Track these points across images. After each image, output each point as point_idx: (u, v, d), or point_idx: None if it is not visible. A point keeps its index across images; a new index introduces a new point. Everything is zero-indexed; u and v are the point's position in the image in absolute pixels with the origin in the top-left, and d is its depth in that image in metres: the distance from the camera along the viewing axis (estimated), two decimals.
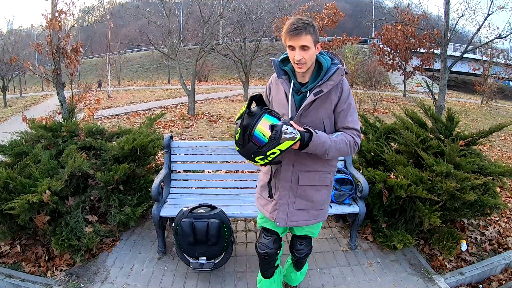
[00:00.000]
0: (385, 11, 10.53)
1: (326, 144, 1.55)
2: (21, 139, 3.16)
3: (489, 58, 15.40)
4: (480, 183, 2.67)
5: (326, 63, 1.63)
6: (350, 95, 1.67)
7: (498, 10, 6.13)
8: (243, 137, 1.49)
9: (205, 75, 26.44)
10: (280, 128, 1.44)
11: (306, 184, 1.72)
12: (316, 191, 1.75)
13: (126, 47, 29.15)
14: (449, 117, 3.24)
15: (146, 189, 3.11)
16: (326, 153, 1.58)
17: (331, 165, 1.78)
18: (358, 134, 1.66)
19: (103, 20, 11.54)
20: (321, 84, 1.60)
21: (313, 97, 1.59)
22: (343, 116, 1.65)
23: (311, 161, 1.69)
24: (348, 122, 1.65)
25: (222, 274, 2.54)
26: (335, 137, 1.60)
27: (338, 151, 1.61)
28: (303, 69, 1.59)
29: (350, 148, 1.63)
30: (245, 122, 1.50)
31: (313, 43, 1.55)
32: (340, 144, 1.59)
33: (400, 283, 2.46)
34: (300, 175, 1.71)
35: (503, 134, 7.72)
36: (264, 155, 1.48)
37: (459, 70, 22.36)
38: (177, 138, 6.50)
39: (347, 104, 1.65)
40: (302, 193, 1.74)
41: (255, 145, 1.48)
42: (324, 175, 1.75)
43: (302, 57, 1.54)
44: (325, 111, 1.64)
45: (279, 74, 1.69)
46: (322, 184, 1.76)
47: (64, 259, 2.61)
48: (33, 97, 20.31)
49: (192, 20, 13.26)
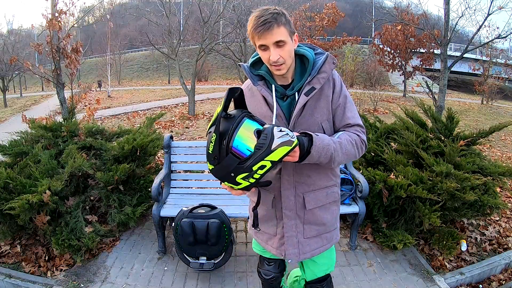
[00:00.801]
0: (385, 11, 10.54)
1: (331, 147, 1.23)
2: (21, 139, 3.16)
3: (489, 58, 15.40)
4: (480, 183, 2.67)
5: (310, 54, 1.33)
6: (343, 86, 1.39)
7: (498, 10, 6.13)
8: (219, 147, 1.09)
9: (205, 75, 26.44)
10: (271, 130, 1.06)
11: (313, 207, 1.42)
12: (326, 211, 1.46)
13: (126, 47, 29.17)
14: (449, 117, 3.24)
15: (146, 189, 3.11)
16: (332, 160, 1.24)
17: (336, 175, 1.48)
18: (362, 130, 1.37)
19: (103, 20, 11.56)
20: (311, 79, 1.29)
21: (305, 98, 1.29)
22: (340, 112, 1.36)
23: (315, 177, 1.40)
24: (348, 118, 1.36)
25: (222, 274, 2.54)
26: (337, 137, 1.29)
27: (345, 155, 1.29)
28: (283, 70, 1.27)
29: (357, 148, 1.33)
30: (221, 128, 1.11)
31: (288, 36, 1.24)
32: (346, 146, 1.28)
33: (400, 283, 2.46)
34: (306, 197, 1.40)
35: (503, 134, 7.72)
36: (249, 172, 1.07)
37: (459, 70, 22.35)
38: (177, 138, 6.50)
39: (343, 97, 1.36)
40: (311, 218, 1.44)
41: (235, 157, 1.08)
42: (331, 190, 1.46)
43: (279, 56, 1.23)
44: (322, 112, 1.34)
45: (254, 80, 1.36)
46: (331, 201, 1.47)
47: (64, 259, 2.61)
48: (33, 97, 20.31)
49: (192, 20, 13.26)
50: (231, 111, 1.17)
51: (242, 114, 1.14)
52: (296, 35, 1.30)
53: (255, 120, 1.15)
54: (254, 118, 1.16)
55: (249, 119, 1.14)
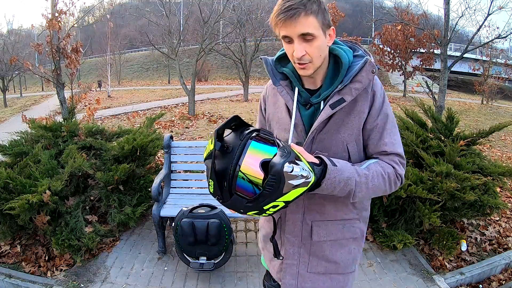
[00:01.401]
0: (385, 11, 10.53)
1: (351, 182, 0.98)
2: (21, 139, 3.16)
3: (489, 58, 15.40)
4: (480, 183, 2.67)
5: (345, 57, 1.05)
6: (386, 102, 1.08)
7: (498, 10, 6.13)
8: (220, 189, 0.92)
9: (205, 75, 26.46)
10: (280, 172, 0.84)
11: (323, 239, 1.14)
12: (339, 247, 1.16)
13: (126, 47, 29.15)
14: (449, 117, 3.24)
15: (146, 189, 3.11)
16: (351, 195, 1.01)
17: (360, 208, 1.16)
18: (401, 162, 1.08)
19: (103, 20, 11.56)
20: (341, 89, 1.02)
21: (329, 110, 1.02)
22: (377, 135, 1.06)
23: (330, 206, 1.11)
24: (385, 144, 1.06)
25: (222, 274, 2.54)
26: (365, 168, 1.02)
27: (372, 191, 1.03)
28: (308, 70, 1.02)
29: (389, 184, 1.05)
30: (218, 166, 0.92)
31: (320, 29, 0.96)
32: (374, 180, 1.02)
33: (400, 283, 2.46)
34: (314, 227, 1.13)
35: (503, 134, 7.72)
36: (260, 209, 0.92)
37: (459, 70, 22.34)
38: (177, 138, 6.50)
39: (383, 116, 1.06)
40: (318, 250, 1.16)
41: (242, 198, 0.90)
42: (350, 224, 1.15)
43: (305, 53, 0.97)
44: (351, 131, 1.05)
45: (276, 79, 1.13)
46: (349, 237, 1.16)
47: (64, 259, 2.61)
48: (33, 97, 20.32)
49: (192, 20, 13.25)
50: (227, 136, 0.96)
51: (244, 137, 0.92)
52: (333, 30, 1.02)
53: (261, 141, 0.91)
54: (259, 137, 0.92)
55: (253, 144, 0.90)
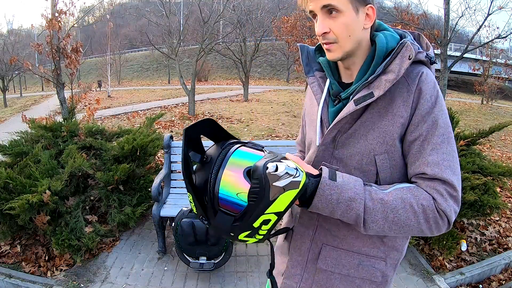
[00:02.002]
0: (385, 11, 10.52)
1: (358, 205, 0.78)
2: (21, 139, 3.16)
3: (489, 58, 15.40)
4: (480, 183, 2.67)
5: (383, 42, 0.84)
6: (438, 106, 0.81)
7: (498, 10, 6.13)
8: (201, 206, 0.78)
9: (205, 75, 26.47)
10: (262, 173, 0.71)
11: (330, 269, 0.92)
12: (349, 286, 0.92)
13: (126, 47, 29.16)
14: (449, 117, 3.24)
15: (146, 189, 3.11)
16: (360, 223, 0.79)
17: (392, 246, 0.90)
18: (450, 193, 0.78)
19: (103, 20, 11.55)
20: (371, 80, 0.81)
21: (353, 106, 0.81)
22: (418, 149, 0.80)
23: (348, 230, 0.89)
24: (427, 163, 0.79)
25: (222, 274, 2.54)
26: (386, 192, 0.80)
27: (395, 225, 0.78)
28: (334, 53, 0.84)
29: (425, 221, 0.78)
30: (198, 180, 0.80)
31: (349, 2, 0.79)
32: (399, 211, 0.77)
33: (400, 283, 2.46)
34: (323, 251, 0.92)
35: (503, 134, 7.73)
36: (251, 229, 0.75)
37: (459, 70, 22.34)
38: (177, 138, 6.49)
39: (430, 124, 0.79)
40: (323, 281, 0.93)
41: (227, 214, 0.76)
42: (370, 262, 0.90)
43: (328, 30, 0.82)
44: (382, 140, 0.82)
45: (311, 69, 0.97)
46: (365, 278, 0.91)
47: (64, 259, 2.61)
48: (33, 97, 20.33)
49: (192, 20, 13.26)
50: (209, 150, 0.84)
51: (222, 151, 0.79)
52: (372, 8, 0.83)
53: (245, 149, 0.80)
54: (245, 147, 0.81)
55: (234, 155, 0.78)
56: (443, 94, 5.80)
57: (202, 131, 0.85)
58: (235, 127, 7.52)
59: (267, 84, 23.99)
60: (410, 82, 0.80)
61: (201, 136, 0.85)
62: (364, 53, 0.86)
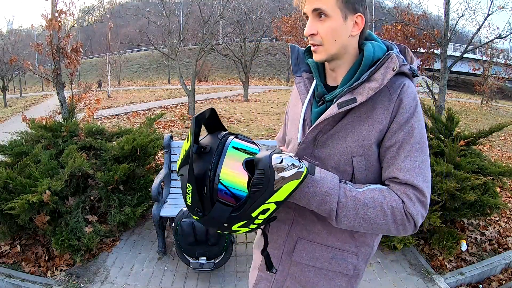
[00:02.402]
0: (385, 11, 10.53)
1: (332, 199, 0.83)
2: (21, 139, 3.16)
3: (489, 58, 15.40)
4: (480, 183, 2.67)
5: (370, 51, 0.89)
6: (416, 117, 0.86)
7: (498, 10, 6.13)
8: (200, 197, 0.78)
9: (205, 75, 26.47)
10: (268, 164, 0.75)
11: (304, 262, 0.97)
12: (323, 278, 0.97)
13: (126, 47, 29.16)
14: (449, 117, 3.25)
15: (146, 189, 3.11)
16: (333, 217, 0.85)
17: (363, 242, 0.96)
18: (418, 198, 0.83)
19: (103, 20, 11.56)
20: (355, 87, 0.86)
21: (335, 109, 0.86)
22: (392, 155, 0.86)
23: (322, 225, 0.94)
24: (400, 169, 0.84)
25: (222, 274, 2.54)
26: (360, 192, 0.85)
27: (366, 222, 0.84)
28: (319, 54, 0.90)
29: (393, 222, 0.83)
30: (196, 170, 0.79)
31: (337, 9, 0.84)
32: (369, 209, 0.83)
33: (400, 283, 2.46)
34: (298, 244, 0.97)
35: (503, 134, 7.73)
36: (248, 219, 0.78)
37: (459, 70, 22.33)
38: (177, 138, 6.50)
39: (406, 132, 0.85)
40: (297, 273, 0.99)
41: (225, 205, 0.77)
42: (342, 256, 0.95)
43: (315, 31, 0.87)
44: (360, 143, 0.87)
45: (299, 69, 1.02)
46: (337, 271, 0.96)
47: (64, 259, 2.61)
48: (33, 97, 20.32)
49: (192, 20, 13.26)
50: (203, 139, 0.86)
51: (221, 141, 0.81)
52: (361, 17, 0.87)
53: (241, 141, 0.83)
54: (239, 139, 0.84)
55: (233, 143, 0.81)
56: (443, 94, 5.81)
57: (204, 120, 0.86)
58: (235, 127, 7.52)
59: (267, 84, 24.00)
60: (392, 92, 0.86)
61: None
62: (351, 59, 0.92)
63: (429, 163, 0.88)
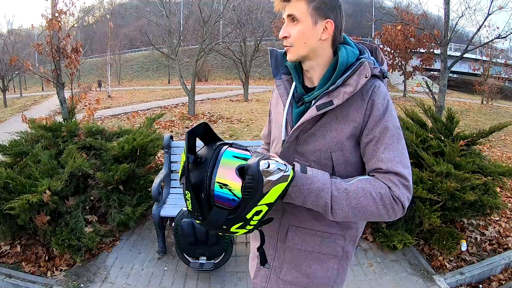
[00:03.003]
0: (385, 11, 10.52)
1: (326, 194, 0.91)
2: (21, 139, 3.16)
3: (489, 58, 15.41)
4: (480, 183, 2.67)
5: (344, 57, 0.97)
6: (389, 113, 0.96)
7: (498, 10, 6.12)
8: (198, 203, 0.89)
9: (205, 75, 26.46)
10: (256, 170, 0.83)
11: (297, 247, 1.08)
12: (315, 261, 1.07)
13: (126, 47, 29.14)
14: (449, 117, 3.24)
15: (146, 189, 3.11)
16: (328, 210, 0.93)
17: (347, 225, 1.06)
18: (401, 182, 0.92)
19: (103, 20, 11.55)
20: (331, 90, 0.95)
21: (315, 111, 0.96)
22: (372, 149, 0.95)
23: (308, 215, 1.04)
24: (381, 160, 0.93)
25: (222, 274, 2.54)
26: (349, 184, 0.93)
27: (357, 211, 0.92)
28: (290, 55, 1.01)
29: (383, 207, 0.91)
30: (193, 179, 0.89)
31: (308, 15, 0.94)
32: (360, 198, 0.91)
33: (400, 283, 2.46)
34: (289, 231, 1.07)
35: (503, 134, 7.72)
36: (243, 221, 0.87)
37: (459, 70, 22.37)
38: (177, 138, 6.50)
39: (381, 128, 0.95)
40: (291, 258, 1.09)
41: (222, 209, 0.87)
42: (330, 239, 1.06)
43: (287, 34, 0.98)
44: (337, 140, 0.98)
45: (278, 72, 1.11)
46: (328, 253, 1.07)
47: (64, 259, 2.61)
48: (33, 97, 20.31)
49: (192, 20, 13.26)
50: (200, 150, 0.96)
51: (214, 152, 0.90)
52: (330, 23, 0.96)
53: (234, 150, 0.92)
54: (232, 148, 0.93)
55: (226, 153, 0.90)
56: (443, 94, 5.81)
57: (198, 134, 0.96)
58: (235, 127, 7.51)
59: (267, 84, 23.98)
60: (364, 93, 0.96)
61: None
62: (324, 62, 1.01)
63: (407, 151, 0.97)
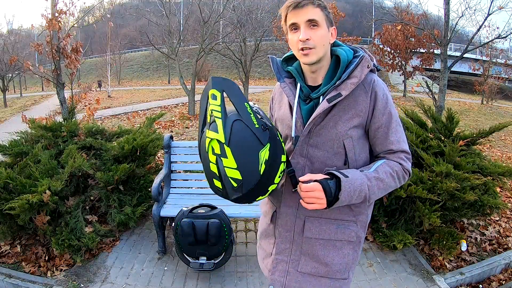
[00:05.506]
0: (385, 11, 10.53)
1: (364, 187, 1.06)
2: (21, 139, 3.16)
3: (489, 58, 15.40)
4: (480, 183, 2.67)
5: (345, 55, 1.13)
6: (389, 101, 1.14)
7: (498, 10, 6.13)
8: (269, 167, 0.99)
9: (205, 75, 26.44)
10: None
11: (315, 236, 1.17)
12: (332, 249, 1.18)
13: (126, 47, 29.12)
14: (449, 117, 3.24)
15: (146, 189, 3.11)
16: (367, 200, 1.09)
17: (359, 211, 1.19)
18: (407, 157, 1.15)
19: (103, 20, 11.54)
20: (339, 84, 1.09)
21: (326, 104, 1.08)
22: (383, 134, 1.13)
23: None
24: (391, 143, 1.13)
25: (222, 274, 2.54)
26: (374, 171, 1.10)
27: (384, 190, 1.11)
28: (311, 57, 1.09)
29: (398, 179, 1.13)
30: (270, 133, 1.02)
31: (324, 21, 1.09)
32: (385, 180, 1.09)
33: (400, 283, 2.46)
34: (307, 222, 1.17)
35: (503, 134, 7.72)
36: (271, 182, 1.03)
37: (459, 70, 22.34)
38: (177, 138, 6.50)
39: (387, 115, 1.12)
40: (309, 249, 1.18)
41: (271, 173, 1.01)
42: (345, 226, 1.17)
43: (309, 37, 1.07)
44: (347, 128, 1.11)
45: (281, 77, 1.22)
46: (343, 240, 1.18)
47: (64, 259, 2.61)
48: (33, 97, 20.31)
49: (192, 20, 13.25)
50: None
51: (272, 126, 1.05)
52: (334, 29, 1.14)
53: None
54: None
55: None
56: (443, 94, 5.81)
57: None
58: None
59: (267, 84, 23.97)
60: (366, 87, 1.12)
61: None
62: (327, 62, 1.15)
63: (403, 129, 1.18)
